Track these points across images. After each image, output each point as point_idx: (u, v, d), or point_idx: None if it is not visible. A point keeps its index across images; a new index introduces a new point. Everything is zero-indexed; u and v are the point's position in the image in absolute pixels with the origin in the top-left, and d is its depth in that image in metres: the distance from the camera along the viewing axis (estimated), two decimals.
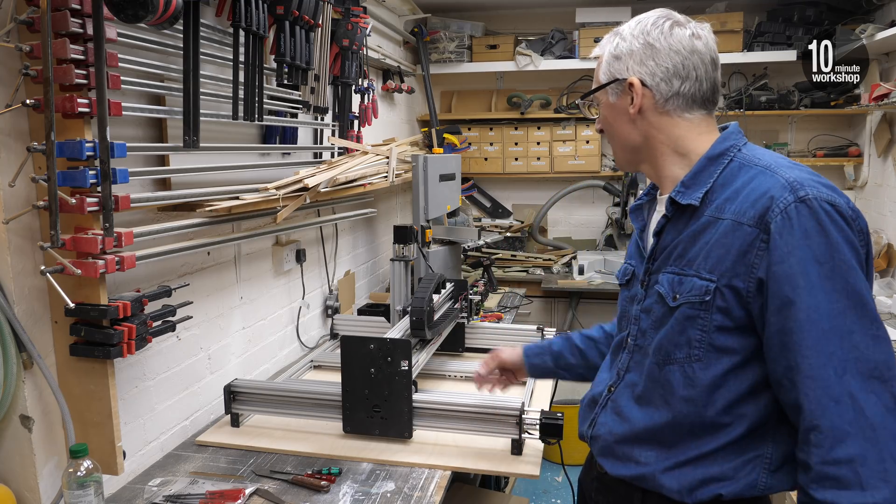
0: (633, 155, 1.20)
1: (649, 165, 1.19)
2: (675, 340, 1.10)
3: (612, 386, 1.24)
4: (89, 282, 1.37)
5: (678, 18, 1.13)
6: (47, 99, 1.22)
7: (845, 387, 0.94)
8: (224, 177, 1.99)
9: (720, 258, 1.04)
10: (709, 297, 1.04)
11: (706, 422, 1.09)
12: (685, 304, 1.07)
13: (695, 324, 1.07)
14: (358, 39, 2.55)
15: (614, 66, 1.14)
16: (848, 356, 0.95)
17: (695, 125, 1.13)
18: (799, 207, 0.98)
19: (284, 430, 1.87)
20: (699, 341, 1.07)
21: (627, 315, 1.25)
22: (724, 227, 1.04)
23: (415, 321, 1.94)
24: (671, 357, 1.10)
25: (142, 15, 1.26)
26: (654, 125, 1.13)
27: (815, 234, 0.97)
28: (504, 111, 4.41)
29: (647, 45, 1.10)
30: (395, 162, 2.85)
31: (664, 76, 1.10)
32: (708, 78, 1.12)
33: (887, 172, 3.64)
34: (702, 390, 1.08)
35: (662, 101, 1.11)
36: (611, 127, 1.20)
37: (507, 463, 1.70)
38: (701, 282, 1.05)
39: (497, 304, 3.42)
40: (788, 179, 1.01)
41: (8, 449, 1.40)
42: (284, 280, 2.48)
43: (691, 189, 1.10)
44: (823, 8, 3.80)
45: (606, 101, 1.18)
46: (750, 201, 1.02)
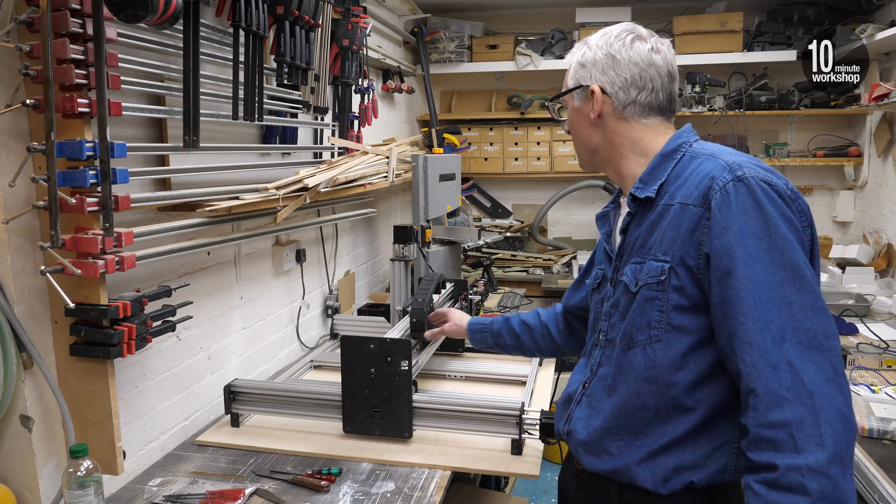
0: (594, 156, 1.28)
1: (611, 167, 1.27)
2: (636, 323, 1.15)
3: (587, 382, 1.28)
4: (89, 282, 1.37)
5: (641, 33, 1.21)
6: (47, 99, 1.22)
7: (783, 354, 0.98)
8: (224, 177, 1.99)
9: (672, 239, 1.10)
10: (664, 277, 1.10)
11: (670, 403, 1.12)
12: (644, 286, 1.13)
13: (653, 305, 1.12)
14: (358, 39, 2.55)
15: (580, 73, 1.23)
16: (786, 325, 0.98)
17: (651, 128, 1.21)
18: (737, 185, 1.04)
19: (284, 430, 1.87)
20: (658, 322, 1.12)
21: (598, 315, 1.30)
22: (674, 211, 1.11)
23: (415, 322, 1.94)
24: (634, 340, 1.16)
25: (142, 15, 1.26)
26: (613, 129, 1.22)
27: (751, 209, 1.03)
28: (504, 111, 4.41)
29: (608, 56, 1.19)
30: (395, 162, 2.85)
31: (622, 85, 1.19)
32: (664, 89, 1.20)
33: (887, 172, 3.64)
34: (663, 370, 1.12)
35: (620, 108, 1.20)
36: (575, 129, 1.28)
37: (507, 463, 1.70)
38: (656, 263, 1.12)
39: (497, 304, 3.42)
40: (728, 161, 1.08)
41: (8, 449, 1.40)
42: (284, 280, 2.48)
43: (648, 184, 1.18)
44: (823, 8, 3.80)
45: (572, 104, 1.26)
46: (695, 184, 1.10)
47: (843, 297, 3.10)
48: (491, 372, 2.27)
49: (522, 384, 2.19)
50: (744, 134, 4.16)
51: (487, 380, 2.25)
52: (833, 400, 0.96)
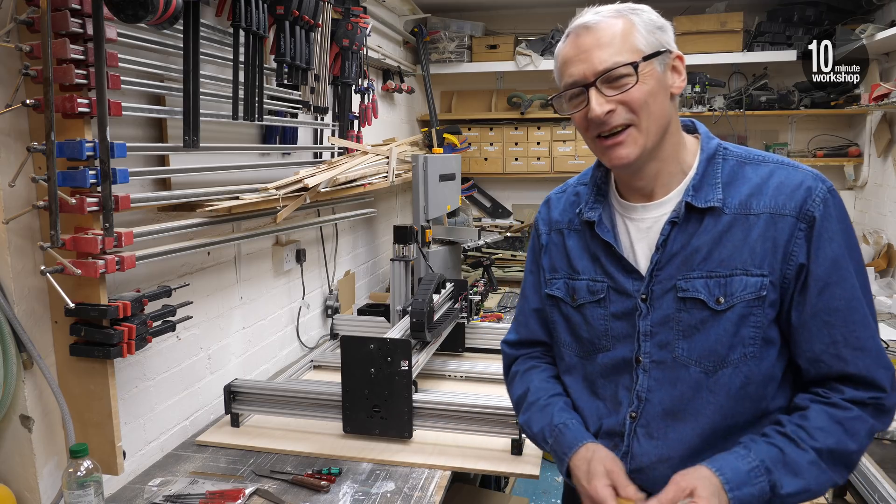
0: (662, 139, 1.07)
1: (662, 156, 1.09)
2: (728, 342, 1.06)
3: (634, 412, 1.12)
4: (89, 282, 1.37)
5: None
6: (47, 99, 1.22)
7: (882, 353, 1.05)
8: (224, 177, 1.99)
9: (768, 251, 1.04)
10: (764, 293, 1.04)
11: (759, 414, 1.09)
12: (739, 303, 1.05)
13: (748, 321, 1.05)
14: (358, 39, 2.55)
15: (660, 36, 1.04)
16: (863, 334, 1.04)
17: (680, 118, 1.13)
18: (832, 196, 1.05)
19: (284, 430, 1.87)
20: (752, 338, 1.06)
21: (617, 333, 1.14)
22: (764, 222, 1.04)
23: (415, 322, 1.94)
24: (725, 360, 1.06)
25: (142, 15, 1.26)
26: (673, 110, 1.08)
27: (846, 220, 1.06)
28: (504, 111, 4.41)
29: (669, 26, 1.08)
30: (395, 162, 2.84)
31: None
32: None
33: (887, 172, 3.64)
34: (758, 385, 1.07)
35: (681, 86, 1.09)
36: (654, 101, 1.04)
37: (507, 463, 1.69)
38: (754, 279, 1.04)
39: (497, 304, 3.42)
40: (812, 172, 1.07)
41: (8, 449, 1.40)
42: (284, 280, 2.48)
43: (703, 191, 1.07)
44: (823, 8, 3.79)
45: (653, 71, 1.03)
46: (786, 193, 1.05)
47: None
48: (491, 372, 2.26)
49: None
50: (744, 134, 4.16)
51: (487, 380, 2.25)
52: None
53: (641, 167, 1.09)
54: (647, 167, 1.10)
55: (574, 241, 1.20)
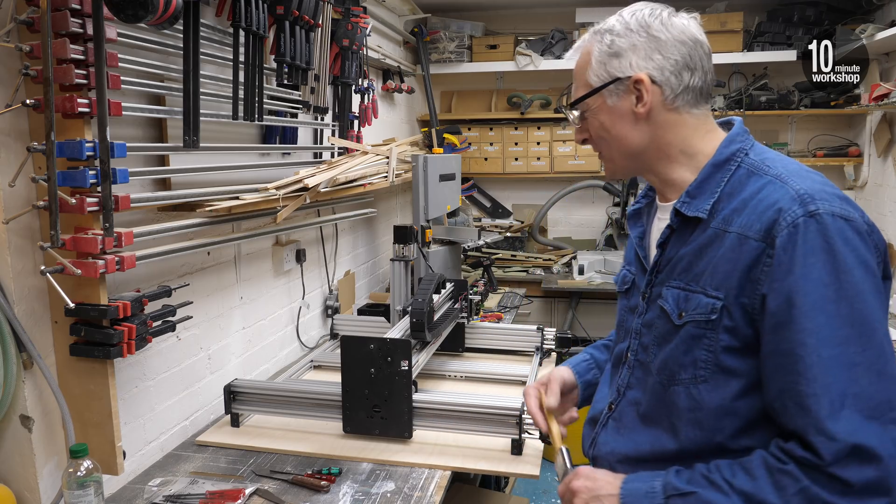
0: (634, 162, 1.10)
1: (653, 172, 1.11)
2: (679, 360, 1.03)
3: (613, 403, 1.17)
4: (89, 282, 1.37)
5: (669, 7, 1.06)
6: (47, 99, 1.22)
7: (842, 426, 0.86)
8: (224, 177, 1.99)
9: (727, 274, 0.97)
10: (715, 316, 0.98)
11: (713, 447, 1.01)
12: (690, 322, 1.01)
13: (700, 343, 1.00)
14: (358, 39, 2.55)
15: (613, 65, 1.04)
16: (847, 391, 0.87)
17: (701, 122, 1.06)
18: (808, 222, 0.90)
19: (284, 430, 1.87)
20: (705, 362, 1.00)
21: (626, 326, 1.18)
22: (731, 241, 0.97)
23: (415, 322, 1.94)
24: (676, 377, 1.03)
25: (142, 15, 1.26)
26: (662, 125, 1.05)
27: (820, 251, 0.89)
28: (504, 111, 4.41)
29: (650, 37, 1.02)
30: (395, 162, 2.84)
31: (674, 69, 1.02)
32: (710, 69, 1.06)
33: (887, 172, 3.64)
34: (709, 413, 1.00)
35: (672, 98, 1.04)
36: (608, 133, 1.09)
37: (507, 463, 1.69)
38: (707, 299, 0.99)
39: (497, 304, 3.42)
40: (799, 191, 0.94)
41: (8, 449, 1.40)
42: (284, 280, 2.48)
43: (697, 199, 1.04)
44: (823, 8, 3.80)
45: (602, 104, 1.07)
46: (757, 213, 0.96)
47: None
48: (491, 372, 2.26)
49: (522, 384, 2.19)
50: None
51: (487, 380, 2.25)
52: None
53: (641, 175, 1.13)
54: (645, 176, 1.14)
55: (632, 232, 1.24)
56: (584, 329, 4.16)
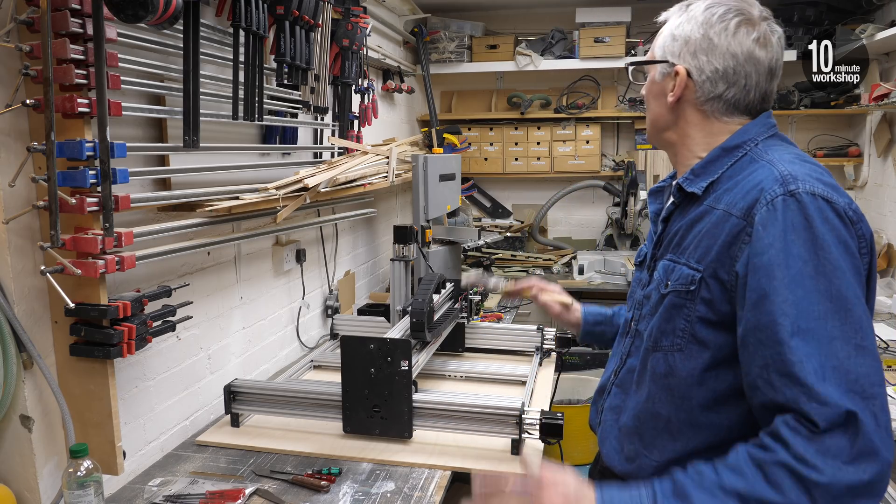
0: (660, 136, 1.18)
1: (672, 151, 1.18)
2: (662, 328, 1.09)
3: (617, 370, 1.24)
4: (89, 282, 1.37)
5: (752, 16, 1.05)
6: (47, 99, 1.22)
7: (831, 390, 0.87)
8: (224, 177, 1.99)
9: (707, 248, 1.02)
10: (693, 287, 1.02)
11: (682, 418, 1.06)
12: (672, 292, 1.06)
13: (680, 312, 1.05)
14: (358, 39, 2.55)
15: (669, 46, 1.10)
16: (826, 363, 0.88)
17: (730, 128, 1.09)
18: (787, 200, 0.94)
19: (284, 430, 1.87)
20: (682, 331, 1.05)
21: (633, 297, 1.25)
22: (716, 218, 1.02)
23: (415, 322, 1.94)
24: (658, 344, 1.09)
25: (142, 15, 1.26)
26: (688, 119, 1.11)
27: (800, 228, 0.92)
28: (504, 111, 4.41)
29: (706, 37, 1.05)
30: (395, 162, 2.84)
31: (711, 76, 1.06)
32: (758, 87, 1.07)
33: (887, 172, 3.64)
34: (680, 382, 1.06)
35: (703, 100, 1.08)
36: (648, 102, 1.18)
37: (507, 463, 1.69)
38: (688, 271, 1.04)
39: (497, 304, 3.42)
40: (783, 172, 0.98)
41: (8, 449, 1.40)
42: (284, 280, 2.48)
43: (699, 178, 1.09)
44: (823, 8, 3.80)
45: (653, 75, 1.15)
46: (742, 192, 1.00)
47: None
48: (491, 372, 2.26)
49: (522, 384, 2.19)
50: None
51: (487, 380, 2.25)
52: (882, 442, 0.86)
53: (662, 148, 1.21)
54: (665, 150, 1.21)
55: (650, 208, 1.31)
56: None
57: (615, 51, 4.01)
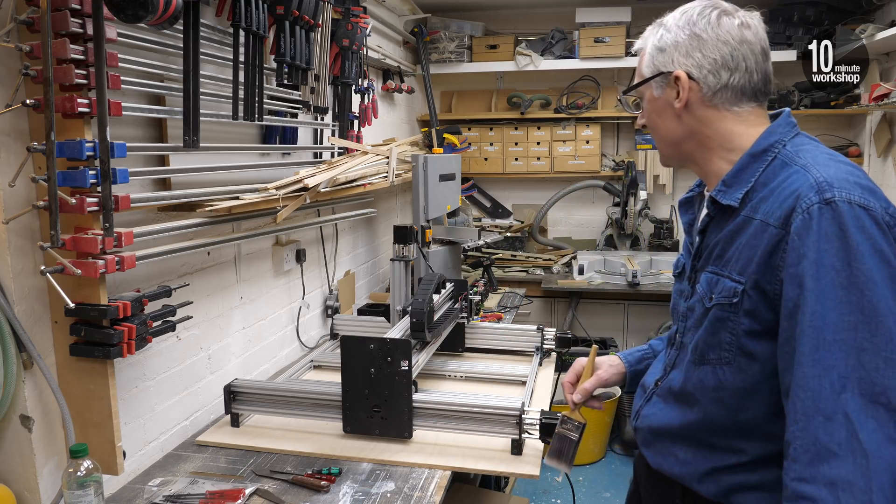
0: (677, 150, 1.16)
1: (695, 162, 1.16)
2: (708, 341, 1.08)
3: (659, 381, 1.24)
4: (89, 282, 1.37)
5: (726, 7, 1.08)
6: (47, 99, 1.22)
7: (841, 405, 0.87)
8: (224, 177, 1.99)
9: (748, 259, 1.01)
10: (737, 300, 1.02)
11: (738, 429, 1.06)
12: (716, 305, 1.05)
13: (725, 326, 1.04)
14: (358, 39, 2.55)
15: (658, 59, 1.11)
16: (851, 374, 0.88)
17: (743, 118, 1.09)
18: (822, 209, 0.92)
19: (284, 430, 1.87)
20: (729, 344, 1.04)
21: (677, 310, 1.23)
22: (755, 228, 1.01)
23: (415, 323, 1.94)
24: (705, 357, 1.09)
25: (142, 15, 1.26)
26: (701, 119, 1.10)
27: (834, 237, 0.91)
28: (504, 111, 4.41)
29: (693, 35, 1.06)
30: (395, 162, 2.85)
31: (712, 68, 1.06)
32: (759, 69, 1.07)
33: (887, 172, 3.64)
34: (732, 395, 1.05)
35: (710, 95, 1.07)
36: (654, 122, 1.16)
37: (507, 463, 1.69)
38: (731, 283, 1.03)
39: (497, 304, 3.42)
40: (818, 179, 0.96)
41: (8, 449, 1.40)
42: (284, 280, 2.48)
43: (732, 188, 1.07)
44: (823, 8, 3.80)
45: (650, 95, 1.14)
46: (779, 201, 0.99)
47: None
48: (491, 372, 2.26)
49: (522, 384, 2.19)
50: None
51: (487, 380, 2.25)
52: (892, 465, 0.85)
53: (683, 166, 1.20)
54: (688, 166, 1.18)
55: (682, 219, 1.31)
56: (584, 329, 4.16)
57: (615, 51, 4.01)
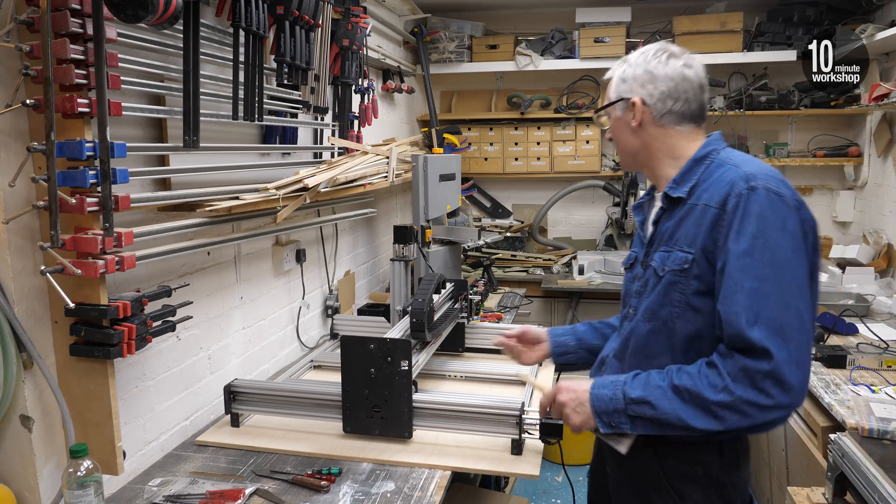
0: (634, 159, 1.45)
1: (648, 168, 1.44)
2: (660, 301, 1.34)
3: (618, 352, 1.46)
4: (89, 282, 1.37)
5: (674, 51, 1.38)
6: (47, 99, 1.22)
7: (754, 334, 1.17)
8: (224, 177, 1.99)
9: (695, 235, 1.29)
10: (687, 266, 1.29)
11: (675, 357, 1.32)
12: (670, 272, 1.32)
13: (676, 288, 1.31)
14: (358, 39, 2.55)
15: (621, 88, 1.40)
16: (760, 312, 1.18)
17: (685, 136, 1.39)
18: (748, 194, 1.22)
19: (284, 430, 1.87)
20: (679, 301, 1.31)
21: (629, 293, 1.48)
22: (699, 210, 1.29)
23: (415, 323, 1.94)
24: (657, 315, 1.35)
25: (142, 15, 1.26)
26: (651, 135, 1.39)
27: (755, 214, 1.21)
28: (504, 111, 4.41)
29: (647, 72, 1.36)
30: (395, 162, 2.85)
31: (660, 97, 1.36)
32: (696, 99, 1.37)
33: (887, 172, 3.64)
34: (681, 340, 1.32)
35: (658, 117, 1.37)
36: (616, 136, 1.46)
37: (507, 463, 1.70)
38: (682, 254, 1.30)
39: (497, 304, 3.42)
40: (746, 172, 1.26)
41: (8, 449, 1.40)
42: (284, 280, 2.48)
43: (681, 185, 1.35)
44: (823, 8, 3.80)
45: (615, 115, 1.44)
46: (717, 189, 1.28)
47: (843, 297, 3.09)
48: (491, 372, 2.26)
49: (522, 384, 2.19)
50: (744, 134, 4.16)
51: (487, 380, 2.25)
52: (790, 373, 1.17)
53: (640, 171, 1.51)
54: (643, 171, 1.48)
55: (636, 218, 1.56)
56: None
57: (615, 51, 4.01)
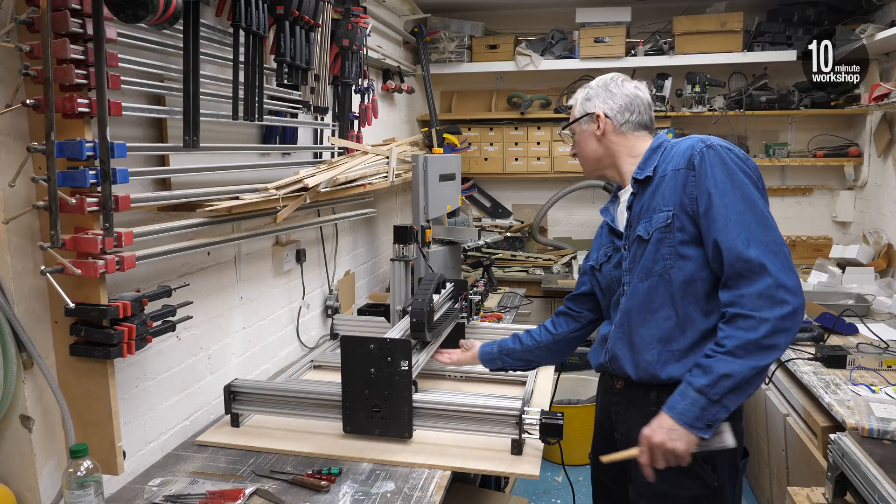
0: (597, 164, 1.71)
1: (612, 169, 1.69)
2: (652, 258, 1.54)
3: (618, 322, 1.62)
4: (89, 282, 1.37)
5: (627, 77, 1.69)
6: (47, 99, 1.22)
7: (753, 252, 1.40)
8: (224, 177, 1.99)
9: (671, 195, 1.52)
10: (669, 221, 1.51)
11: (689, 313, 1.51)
12: (656, 230, 1.53)
13: (664, 242, 1.52)
14: (358, 39, 2.55)
15: (586, 105, 1.69)
16: (751, 236, 1.41)
17: (640, 139, 1.66)
18: (708, 150, 1.49)
19: (284, 430, 1.87)
20: (668, 254, 1.52)
21: (612, 281, 1.68)
22: (670, 176, 1.53)
23: (415, 323, 1.94)
24: (651, 271, 1.54)
25: (142, 15, 1.26)
26: (613, 141, 1.66)
27: (719, 164, 1.47)
28: (504, 111, 4.41)
29: (607, 90, 1.66)
30: (395, 162, 2.85)
31: (619, 109, 1.65)
32: (646, 113, 1.67)
33: (887, 172, 3.64)
34: (678, 287, 1.51)
35: (618, 125, 1.65)
36: (581, 147, 1.72)
37: (507, 463, 1.70)
38: (663, 214, 1.52)
39: (497, 304, 3.42)
40: (701, 137, 1.53)
41: (8, 449, 1.40)
42: (284, 280, 2.48)
43: (644, 169, 1.60)
44: (823, 8, 3.80)
45: (580, 129, 1.71)
46: (680, 155, 1.53)
47: (843, 298, 3.09)
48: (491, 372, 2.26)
49: (522, 384, 2.19)
50: (744, 134, 4.16)
51: (487, 380, 2.25)
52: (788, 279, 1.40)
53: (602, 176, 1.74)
54: (607, 173, 1.72)
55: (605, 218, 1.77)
56: None
57: (615, 51, 4.02)
